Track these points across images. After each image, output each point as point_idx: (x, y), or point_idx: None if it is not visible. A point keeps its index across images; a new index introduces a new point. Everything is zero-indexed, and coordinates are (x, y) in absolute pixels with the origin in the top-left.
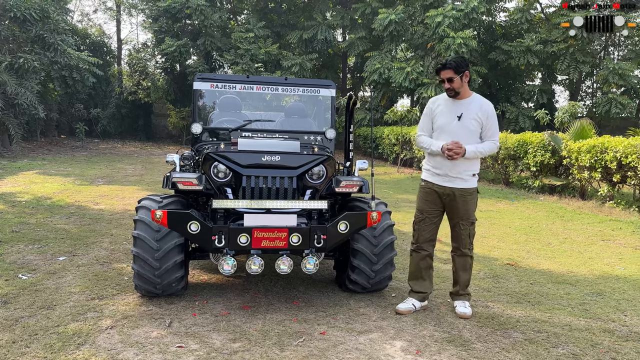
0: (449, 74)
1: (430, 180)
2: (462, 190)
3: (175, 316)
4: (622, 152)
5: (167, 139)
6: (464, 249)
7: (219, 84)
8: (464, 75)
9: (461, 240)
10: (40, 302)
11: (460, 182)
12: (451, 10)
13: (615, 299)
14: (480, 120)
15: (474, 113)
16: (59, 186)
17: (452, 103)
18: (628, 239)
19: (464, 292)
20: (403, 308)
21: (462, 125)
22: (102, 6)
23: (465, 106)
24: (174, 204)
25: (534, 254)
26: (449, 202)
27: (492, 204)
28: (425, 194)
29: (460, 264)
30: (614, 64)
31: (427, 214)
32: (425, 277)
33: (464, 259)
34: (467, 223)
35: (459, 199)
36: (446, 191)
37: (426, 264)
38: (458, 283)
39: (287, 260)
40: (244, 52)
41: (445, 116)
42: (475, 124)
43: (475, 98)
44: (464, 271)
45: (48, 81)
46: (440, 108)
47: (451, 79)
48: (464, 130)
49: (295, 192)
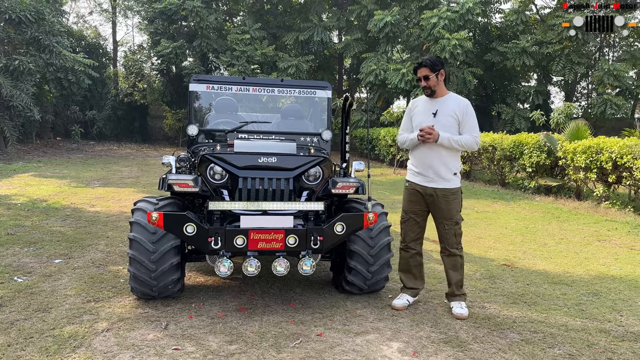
0: (425, 72)
1: (413, 181)
2: (444, 190)
3: (172, 318)
4: (618, 153)
5: (163, 141)
6: (452, 249)
7: (215, 85)
8: (440, 73)
9: (447, 240)
10: (36, 304)
11: (442, 182)
12: (446, 12)
13: (611, 299)
14: (457, 116)
15: (450, 110)
16: (55, 188)
17: (429, 102)
18: (624, 239)
19: (459, 293)
20: (399, 304)
21: (437, 121)
22: (97, 8)
23: (441, 104)
24: (170, 205)
25: (530, 255)
26: (431, 202)
27: (488, 205)
28: (409, 194)
29: (450, 264)
30: (609, 65)
31: (412, 214)
32: (416, 274)
33: (453, 258)
34: (450, 223)
35: (441, 199)
36: (428, 191)
37: (415, 261)
38: (451, 284)
39: (283, 262)
40: (240, 53)
41: (421, 114)
42: (451, 120)
43: (452, 96)
44: (454, 271)
45: (43, 83)
46: (418, 108)
47: (427, 76)
48: (440, 126)
49: (292, 193)
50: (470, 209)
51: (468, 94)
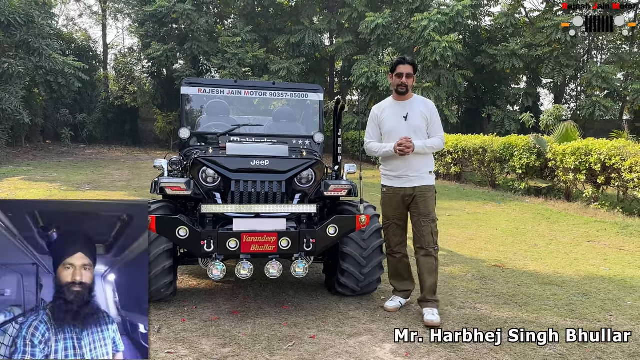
0: (410, 69)
1: (391, 185)
2: (421, 187)
3: (164, 322)
4: (606, 155)
5: (154, 144)
6: (428, 248)
7: (207, 88)
8: (414, 77)
9: (424, 239)
10: None
11: (419, 180)
12: (437, 15)
13: (601, 299)
14: (426, 117)
15: (419, 111)
16: (45, 192)
17: (397, 105)
18: (613, 239)
19: (432, 298)
20: (392, 306)
21: (409, 124)
22: (87, 11)
23: (410, 106)
24: (162, 209)
25: (520, 256)
26: (411, 202)
27: (479, 206)
28: (388, 199)
29: (426, 267)
30: (597, 68)
31: (393, 219)
32: (405, 276)
33: (428, 260)
34: (427, 219)
35: (419, 197)
36: (408, 192)
37: (403, 264)
38: (425, 288)
39: (276, 265)
40: (231, 56)
41: (392, 119)
42: (421, 122)
43: (418, 98)
44: (429, 274)
45: (33, 86)
46: (385, 112)
47: (410, 74)
48: (412, 130)
49: (284, 196)
50: (461, 210)
51: (459, 96)
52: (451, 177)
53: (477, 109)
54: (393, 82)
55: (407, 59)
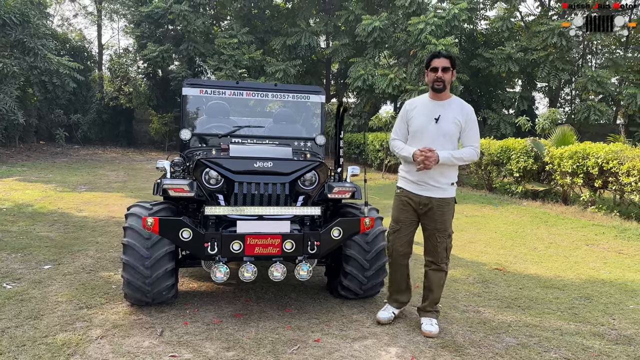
0: (446, 62)
1: (407, 189)
2: (440, 200)
3: (167, 325)
4: (604, 158)
5: (148, 145)
6: (441, 263)
7: (208, 89)
8: (454, 72)
9: (437, 254)
10: (27, 312)
11: (438, 192)
12: (433, 18)
13: (603, 302)
14: (460, 123)
15: (453, 116)
16: (40, 193)
17: (431, 104)
18: (611, 243)
19: (432, 309)
20: (384, 318)
21: (439, 128)
22: (82, 11)
23: (445, 108)
24: (165, 211)
25: (521, 259)
26: (425, 212)
27: (476, 209)
28: (400, 202)
29: (436, 281)
30: (592, 72)
31: (403, 223)
32: (403, 287)
33: (439, 274)
34: (444, 235)
35: (437, 209)
36: (423, 200)
37: (403, 275)
38: (427, 299)
39: (280, 267)
40: (227, 57)
41: (421, 118)
42: (453, 128)
43: (455, 100)
44: (437, 288)
45: (27, 86)
46: (417, 110)
47: (447, 68)
48: (441, 134)
49: (288, 198)
50: (460, 213)
51: None
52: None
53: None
54: (428, 79)
55: (442, 52)
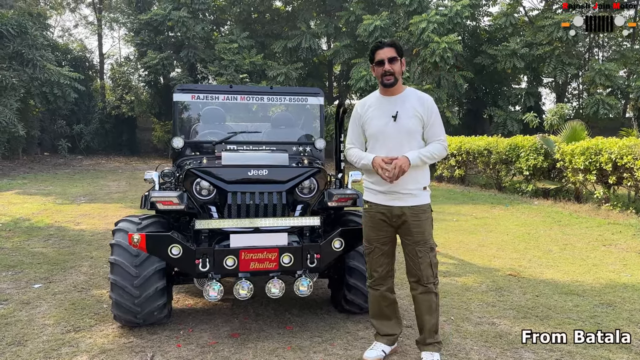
0: (391, 52)
1: (375, 201)
2: (413, 208)
3: (158, 348)
4: (617, 154)
5: (152, 153)
6: (427, 284)
7: (201, 95)
8: (403, 60)
9: (420, 272)
10: (10, 337)
11: (410, 199)
12: (435, 16)
13: (627, 309)
14: (421, 116)
15: (413, 108)
16: (39, 206)
17: (385, 101)
18: (630, 242)
19: (433, 341)
20: (373, 357)
21: (399, 126)
22: (82, 21)
23: (401, 102)
24: (154, 225)
25: (535, 263)
26: (400, 225)
27: (486, 210)
28: (370, 218)
29: (425, 305)
30: (600, 65)
31: (376, 242)
32: (390, 315)
33: (427, 297)
34: (424, 248)
35: (412, 220)
36: (395, 212)
37: (387, 300)
38: (424, 329)
39: (278, 283)
40: (228, 62)
41: (377, 119)
42: (415, 123)
43: (411, 91)
44: (429, 314)
45: (28, 98)
46: (370, 110)
47: (394, 58)
48: (404, 133)
49: (285, 208)
50: (469, 214)
51: (459, 97)
52: (455, 180)
53: (478, 110)
54: (376, 74)
55: (384, 41)
